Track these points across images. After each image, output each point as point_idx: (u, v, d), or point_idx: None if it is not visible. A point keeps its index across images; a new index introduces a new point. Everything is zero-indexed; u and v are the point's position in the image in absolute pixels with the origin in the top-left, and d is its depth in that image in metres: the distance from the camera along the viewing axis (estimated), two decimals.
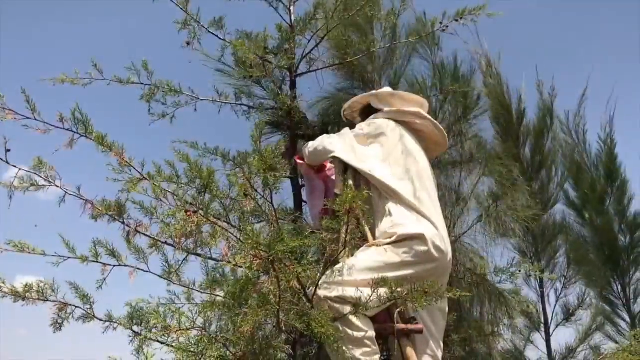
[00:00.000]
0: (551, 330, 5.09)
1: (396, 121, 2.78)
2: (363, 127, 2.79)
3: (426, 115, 2.83)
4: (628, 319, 5.66)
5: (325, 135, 2.86)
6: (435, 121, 2.86)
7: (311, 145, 2.84)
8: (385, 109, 2.84)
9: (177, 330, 1.90)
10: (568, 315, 5.24)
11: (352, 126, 2.92)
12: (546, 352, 5.00)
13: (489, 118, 4.59)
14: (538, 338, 5.07)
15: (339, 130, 2.91)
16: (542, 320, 4.99)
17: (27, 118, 2.25)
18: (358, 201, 2.00)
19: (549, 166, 5.65)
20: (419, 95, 3.02)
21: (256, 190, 2.23)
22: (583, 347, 5.15)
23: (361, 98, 3.01)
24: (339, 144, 2.73)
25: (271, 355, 1.99)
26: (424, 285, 2.03)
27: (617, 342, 5.18)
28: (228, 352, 1.96)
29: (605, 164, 5.97)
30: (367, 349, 2.17)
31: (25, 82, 2.25)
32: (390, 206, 2.50)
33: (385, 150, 2.68)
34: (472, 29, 3.44)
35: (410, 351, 2.33)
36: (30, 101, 2.15)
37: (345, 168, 2.75)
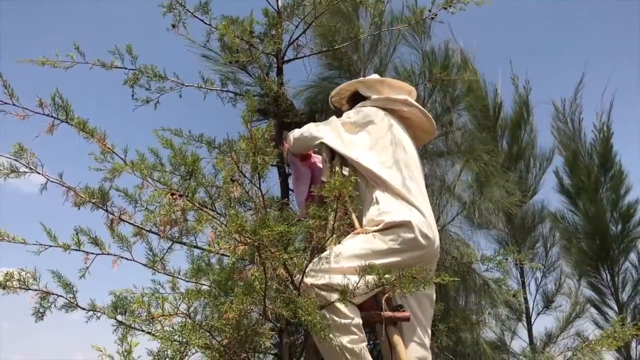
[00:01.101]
0: (532, 319, 5.16)
1: (384, 109, 2.76)
2: (350, 115, 2.76)
3: (414, 102, 2.81)
4: (616, 308, 5.75)
5: (312, 124, 2.84)
6: (423, 109, 2.84)
7: (297, 132, 2.81)
8: (373, 96, 2.82)
9: (160, 316, 1.86)
10: (548, 302, 5.31)
11: (339, 114, 2.89)
12: (528, 341, 5.07)
13: (466, 111, 4.61)
14: (520, 328, 5.13)
15: (326, 119, 2.88)
16: (524, 309, 5.05)
17: (5, 103, 2.19)
18: (347, 188, 1.98)
19: (527, 157, 5.73)
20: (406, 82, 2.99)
21: (244, 175, 2.20)
22: (565, 334, 5.22)
23: (348, 85, 2.98)
24: (327, 131, 2.71)
25: (257, 342, 1.97)
26: (412, 271, 2.03)
27: (603, 329, 5.28)
28: (213, 341, 1.93)
29: (600, 152, 6.02)
30: (354, 337, 2.16)
31: (3, 67, 2.20)
32: (378, 194, 2.49)
33: (373, 138, 2.66)
34: (448, 22, 3.39)
35: (397, 339, 2.33)
36: (8, 86, 2.08)
37: (332, 156, 2.73)
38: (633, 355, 5.39)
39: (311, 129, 2.75)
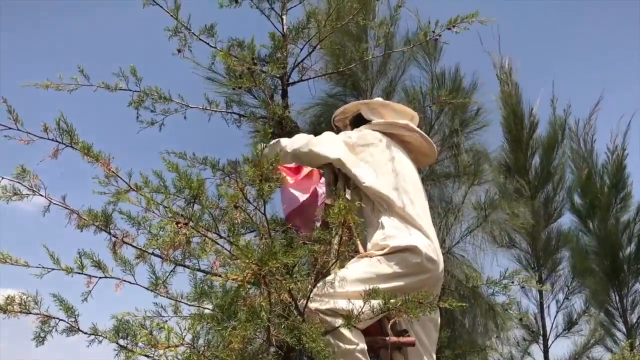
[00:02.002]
0: (550, 342, 5.08)
1: (384, 133, 2.75)
2: (351, 135, 2.73)
3: (415, 127, 2.82)
4: (624, 330, 5.71)
5: (305, 135, 2.77)
6: (423, 133, 2.85)
7: (288, 142, 2.75)
8: (374, 120, 2.81)
9: (165, 347, 1.83)
10: (570, 325, 5.23)
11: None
12: None
13: (500, 125, 4.59)
14: (536, 350, 5.05)
15: None
16: (541, 332, 4.97)
17: (10, 128, 2.18)
18: (352, 214, 1.96)
19: (557, 180, 5.72)
20: (411, 106, 2.99)
21: (248, 201, 2.19)
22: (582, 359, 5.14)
23: (352, 106, 2.97)
24: (336, 150, 2.65)
25: None
26: (418, 295, 2.00)
27: (613, 353, 5.21)
28: None
29: (612, 173, 6.04)
30: None
31: (6, 90, 2.20)
32: (383, 219, 2.47)
33: (374, 161, 2.63)
34: (491, 36, 3.42)
35: None
36: (13, 111, 2.08)
37: (335, 177, 2.71)
38: None
39: (311, 144, 2.68)
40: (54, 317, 2.45)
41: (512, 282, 3.03)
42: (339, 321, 2.12)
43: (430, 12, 3.44)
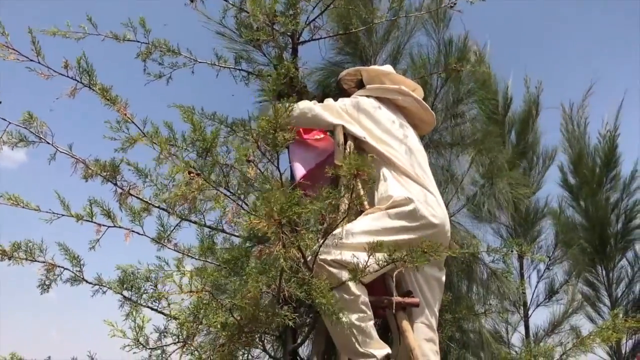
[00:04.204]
0: (530, 312, 5.23)
1: (378, 98, 2.82)
2: (346, 102, 2.80)
3: (409, 92, 2.85)
4: (609, 303, 5.90)
5: (307, 102, 2.83)
6: (419, 98, 2.89)
7: (295, 107, 2.78)
8: (368, 86, 2.89)
9: (188, 292, 1.83)
10: (552, 294, 5.39)
11: (344, 95, 2.93)
12: (524, 333, 5.15)
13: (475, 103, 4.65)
14: (517, 320, 5.21)
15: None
16: (521, 301, 5.11)
17: (31, 60, 2.13)
18: (366, 166, 1.97)
19: (531, 155, 5.87)
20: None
21: (263, 154, 2.17)
22: (561, 327, 5.31)
23: (354, 70, 3.05)
24: (338, 115, 2.74)
25: (278, 323, 1.95)
26: (422, 245, 2.03)
27: (597, 325, 5.39)
28: (230, 319, 1.90)
29: (604, 151, 6.20)
30: (362, 314, 2.18)
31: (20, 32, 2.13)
32: (384, 171, 2.56)
33: (369, 123, 2.71)
34: (463, 17, 3.40)
35: (406, 324, 2.34)
36: (36, 43, 2.02)
37: (345, 139, 2.72)
38: (623, 350, 5.52)
39: (315, 109, 2.75)
40: (59, 266, 2.44)
41: (512, 250, 3.08)
42: (344, 273, 2.15)
43: None
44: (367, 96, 2.83)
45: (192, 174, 2.14)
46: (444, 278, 2.60)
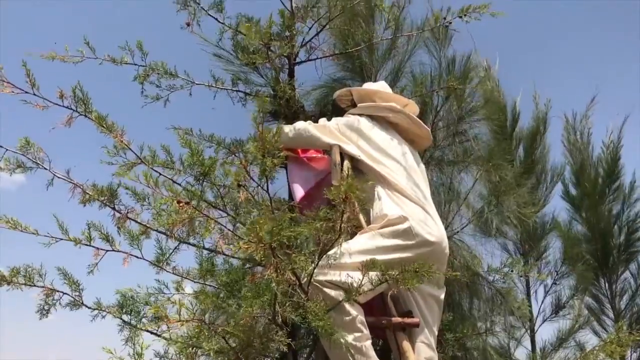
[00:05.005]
0: (537, 327, 5.18)
1: (371, 117, 2.82)
2: (339, 121, 2.82)
3: (400, 108, 2.85)
4: (612, 316, 5.82)
5: (303, 122, 2.85)
6: (410, 114, 2.88)
7: (291, 128, 2.82)
8: (359, 104, 2.91)
9: (176, 322, 1.82)
10: (558, 308, 5.33)
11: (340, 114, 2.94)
12: (530, 349, 5.10)
13: (485, 119, 4.65)
14: (524, 335, 5.14)
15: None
16: (528, 317, 5.06)
17: (26, 92, 2.15)
18: (354, 191, 1.97)
19: (540, 170, 5.84)
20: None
21: (252, 179, 2.18)
22: (567, 343, 5.25)
23: (346, 91, 3.07)
24: (333, 134, 2.76)
25: (272, 349, 1.94)
26: (414, 265, 2.01)
27: (601, 338, 5.32)
28: (227, 345, 1.89)
29: (607, 164, 6.15)
30: (359, 334, 2.17)
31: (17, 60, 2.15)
32: (379, 190, 2.56)
33: (362, 142, 2.72)
34: (470, 31, 3.41)
35: (406, 345, 2.32)
36: (31, 75, 2.04)
37: (341, 159, 2.73)
38: None
39: (310, 129, 2.77)
40: (58, 291, 2.44)
41: (512, 270, 3.05)
42: (340, 294, 2.14)
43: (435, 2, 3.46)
44: (360, 114, 2.84)
45: (181, 204, 2.14)
46: (443, 296, 2.59)
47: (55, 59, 2.74)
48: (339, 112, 3.02)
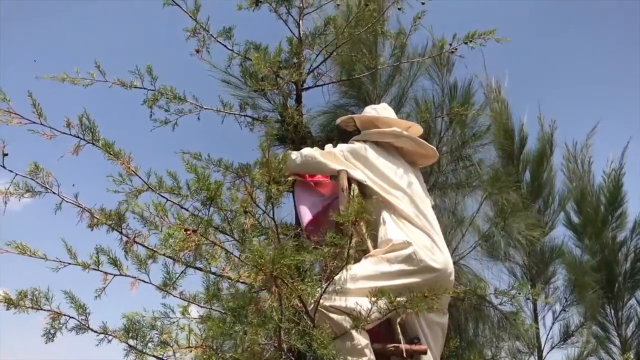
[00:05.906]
0: (544, 353, 5.11)
1: (376, 143, 2.85)
2: (343, 148, 2.85)
3: (401, 132, 2.88)
4: (618, 344, 5.76)
5: (309, 149, 2.88)
6: (413, 136, 2.91)
7: (298, 154, 2.84)
8: (363, 131, 2.94)
9: (187, 347, 1.82)
10: (567, 336, 5.27)
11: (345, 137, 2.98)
12: None
13: (493, 142, 4.66)
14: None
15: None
16: (536, 343, 5.00)
17: (33, 122, 2.18)
18: (363, 214, 1.98)
19: (547, 193, 5.81)
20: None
21: (257, 205, 2.19)
22: None
23: (348, 118, 3.09)
24: (339, 160, 2.79)
25: None
26: (423, 291, 2.02)
27: None
28: None
29: (610, 190, 6.15)
30: (365, 358, 2.18)
31: (25, 85, 2.18)
32: (385, 215, 2.59)
33: (367, 169, 2.75)
34: (479, 55, 3.45)
35: None
36: (37, 105, 2.08)
37: (349, 184, 2.74)
38: None
39: (317, 156, 2.79)
40: (65, 315, 2.45)
41: (519, 293, 3.03)
42: (347, 319, 2.16)
43: (441, 28, 3.51)
44: (365, 141, 2.86)
45: (188, 232, 2.15)
46: (446, 322, 2.58)
47: (66, 81, 2.79)
48: (345, 135, 3.05)
